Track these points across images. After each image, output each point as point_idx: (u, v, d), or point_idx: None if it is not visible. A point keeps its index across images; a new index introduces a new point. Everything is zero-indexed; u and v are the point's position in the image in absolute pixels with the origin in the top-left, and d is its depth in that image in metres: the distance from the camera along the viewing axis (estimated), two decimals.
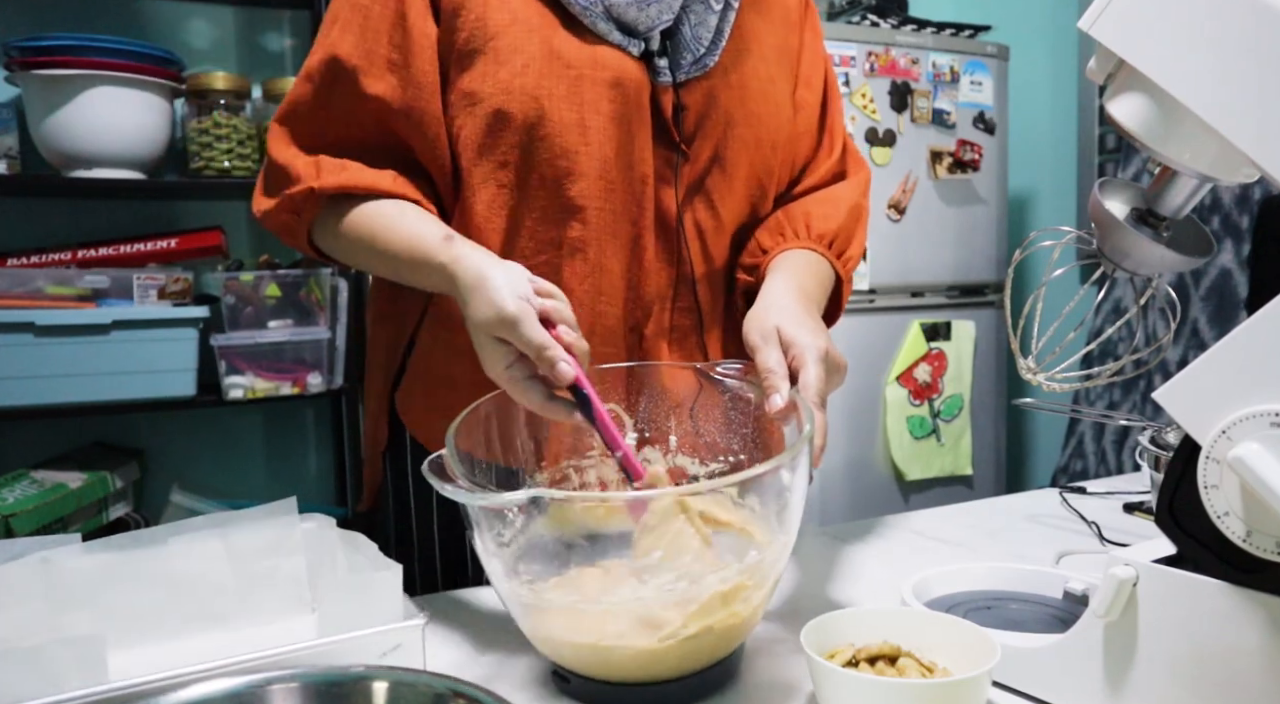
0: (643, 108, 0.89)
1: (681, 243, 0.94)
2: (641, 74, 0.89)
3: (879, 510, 2.63)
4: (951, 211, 2.81)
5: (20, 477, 1.95)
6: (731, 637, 0.69)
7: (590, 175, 0.88)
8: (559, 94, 0.86)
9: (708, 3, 0.91)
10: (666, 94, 0.91)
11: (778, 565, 0.70)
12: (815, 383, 0.75)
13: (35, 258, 2.04)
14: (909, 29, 2.75)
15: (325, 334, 2.16)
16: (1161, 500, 0.63)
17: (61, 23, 2.14)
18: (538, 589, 0.70)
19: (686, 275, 0.95)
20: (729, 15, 0.93)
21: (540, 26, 0.86)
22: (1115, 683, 0.64)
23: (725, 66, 0.93)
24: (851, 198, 1.03)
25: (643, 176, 0.90)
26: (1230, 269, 2.37)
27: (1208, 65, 0.61)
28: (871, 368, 2.69)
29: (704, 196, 0.94)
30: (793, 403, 0.74)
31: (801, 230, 0.97)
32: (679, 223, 0.93)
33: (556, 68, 0.86)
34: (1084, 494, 1.28)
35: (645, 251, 0.92)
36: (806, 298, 0.88)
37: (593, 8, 0.86)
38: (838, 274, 0.99)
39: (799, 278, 0.91)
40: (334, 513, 0.99)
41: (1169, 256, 0.74)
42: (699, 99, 0.92)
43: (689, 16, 0.90)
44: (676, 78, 0.90)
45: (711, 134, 0.93)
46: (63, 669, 0.60)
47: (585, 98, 0.86)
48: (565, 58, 0.86)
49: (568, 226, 0.89)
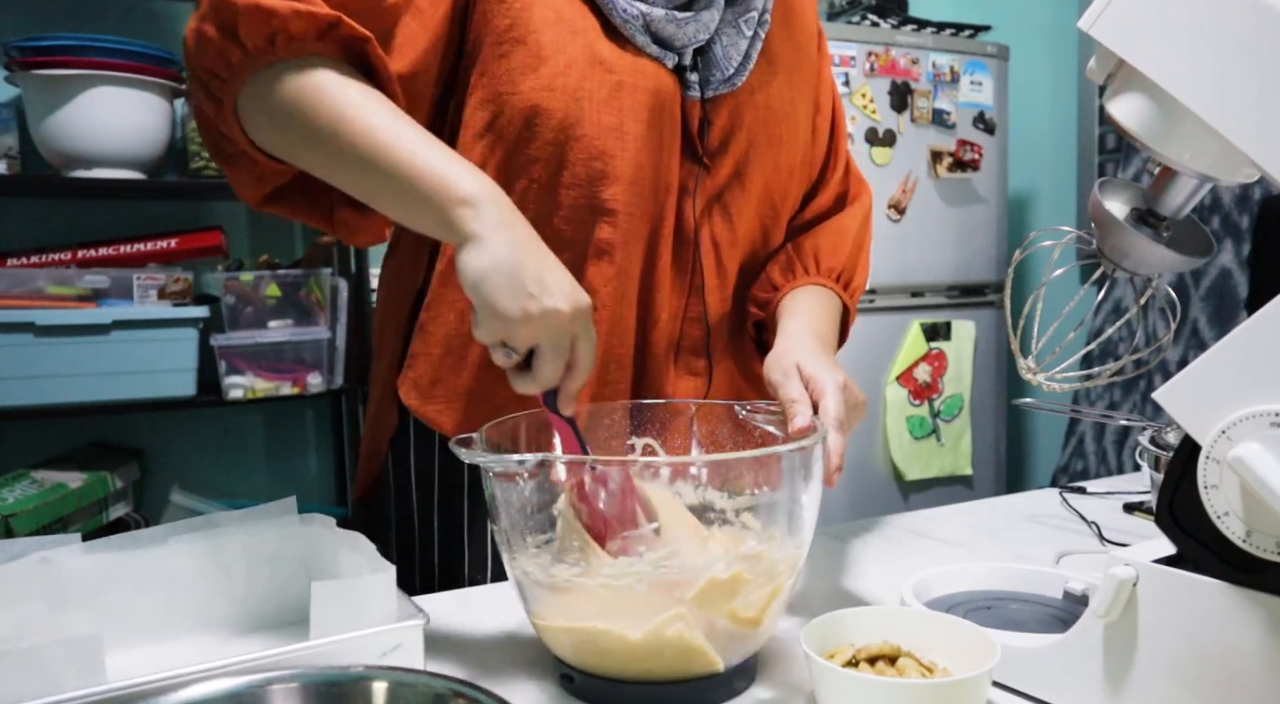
0: (675, 119, 0.92)
1: (696, 253, 0.96)
2: (675, 86, 0.91)
3: (879, 510, 2.62)
4: (951, 211, 2.81)
5: (20, 477, 1.95)
6: (734, 641, 0.68)
7: (624, 180, 0.89)
8: (600, 97, 0.87)
9: (739, 26, 0.94)
10: (694, 108, 0.93)
11: (784, 567, 0.69)
12: (834, 409, 0.78)
13: (35, 258, 2.04)
14: (909, 29, 2.75)
15: (325, 334, 2.16)
16: (1161, 500, 0.63)
17: (61, 23, 2.14)
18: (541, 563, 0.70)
19: (698, 286, 0.98)
20: (757, 41, 0.96)
21: (584, 29, 0.87)
22: (1115, 683, 0.64)
23: (752, 86, 0.96)
24: (855, 228, 1.07)
25: (667, 185, 0.93)
26: (1230, 269, 2.37)
27: (1208, 65, 0.61)
28: (871, 368, 2.69)
29: (722, 210, 0.97)
30: (814, 425, 0.76)
31: (811, 266, 1.01)
32: (696, 233, 0.96)
33: (599, 72, 0.87)
34: (1084, 494, 1.28)
35: (660, 259, 0.94)
36: (821, 340, 0.91)
37: (634, 21, 0.88)
38: (845, 305, 1.04)
39: (813, 321, 0.94)
40: (334, 513, 0.99)
41: (1169, 256, 0.74)
42: (725, 116, 0.94)
43: (721, 37, 0.93)
44: (705, 93, 0.93)
45: (734, 150, 0.95)
46: (60, 669, 0.60)
47: (625, 103, 0.88)
48: (608, 63, 0.87)
49: (597, 228, 0.90)
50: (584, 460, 0.73)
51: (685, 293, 0.97)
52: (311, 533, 0.82)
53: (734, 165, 0.96)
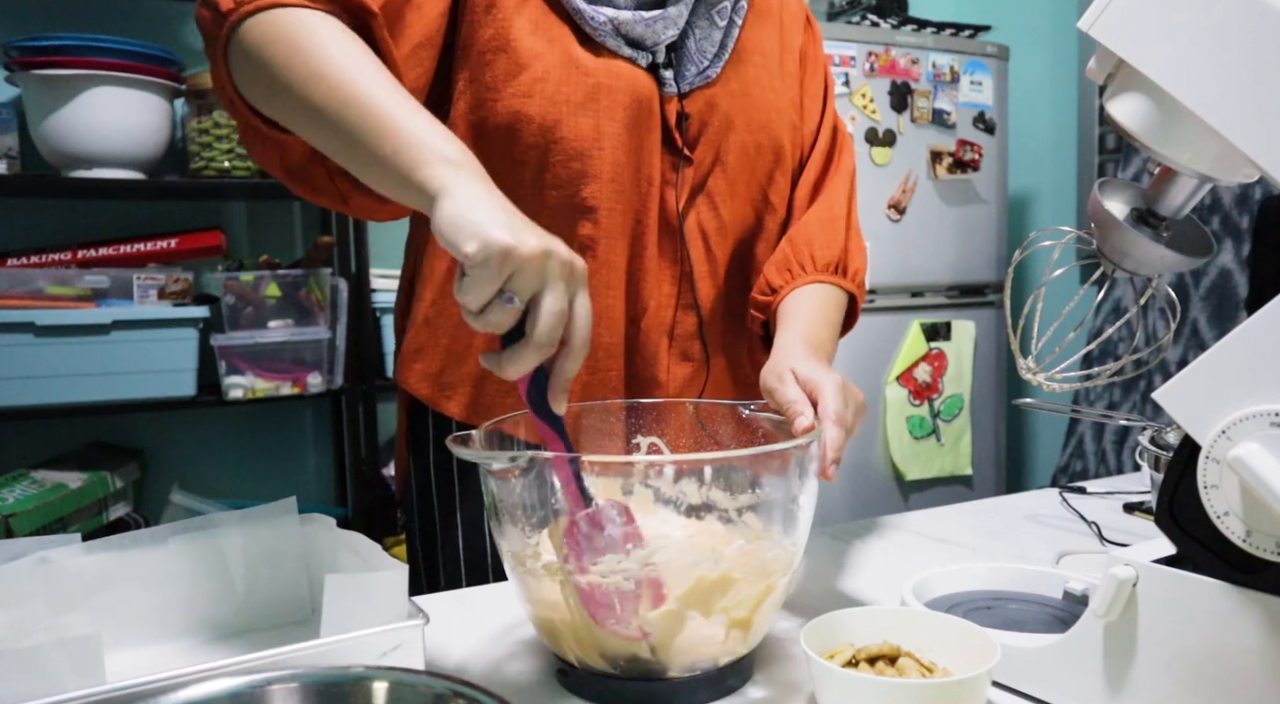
0: (653, 115, 0.94)
1: (683, 242, 0.98)
2: (651, 84, 0.94)
3: (879, 510, 2.63)
4: (951, 211, 2.81)
5: (20, 477, 1.95)
6: (726, 640, 0.68)
7: (603, 178, 0.92)
8: (576, 101, 0.90)
9: (712, 19, 0.96)
10: (671, 103, 0.95)
11: (777, 566, 0.69)
12: (833, 404, 0.77)
13: (35, 258, 2.04)
14: (909, 29, 2.75)
15: (325, 334, 2.16)
16: (1161, 500, 0.63)
17: (61, 23, 2.14)
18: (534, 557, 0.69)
19: (688, 274, 0.99)
20: (733, 30, 0.98)
21: (559, 37, 0.90)
22: (1115, 683, 0.64)
23: (727, 76, 0.98)
24: (844, 207, 1.06)
25: (649, 179, 0.95)
26: (1230, 269, 2.37)
27: (1208, 65, 0.61)
28: (871, 368, 2.69)
29: (706, 198, 0.99)
30: (815, 425, 0.75)
31: (808, 264, 1.01)
32: (681, 223, 0.97)
33: (575, 76, 0.90)
34: (1084, 494, 1.28)
35: (646, 249, 0.96)
36: (814, 348, 0.90)
37: (603, 26, 0.91)
38: (850, 293, 1.03)
39: (807, 328, 0.93)
40: (334, 513, 0.99)
41: (1169, 256, 0.74)
42: (701, 107, 0.96)
43: (694, 31, 0.95)
44: (681, 88, 0.95)
45: (713, 139, 0.97)
46: (60, 670, 0.60)
47: (601, 105, 0.91)
48: (583, 67, 0.90)
49: (579, 225, 0.93)
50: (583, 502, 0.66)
51: (675, 281, 0.99)
52: (311, 533, 0.82)
53: (714, 153, 0.97)
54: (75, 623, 0.72)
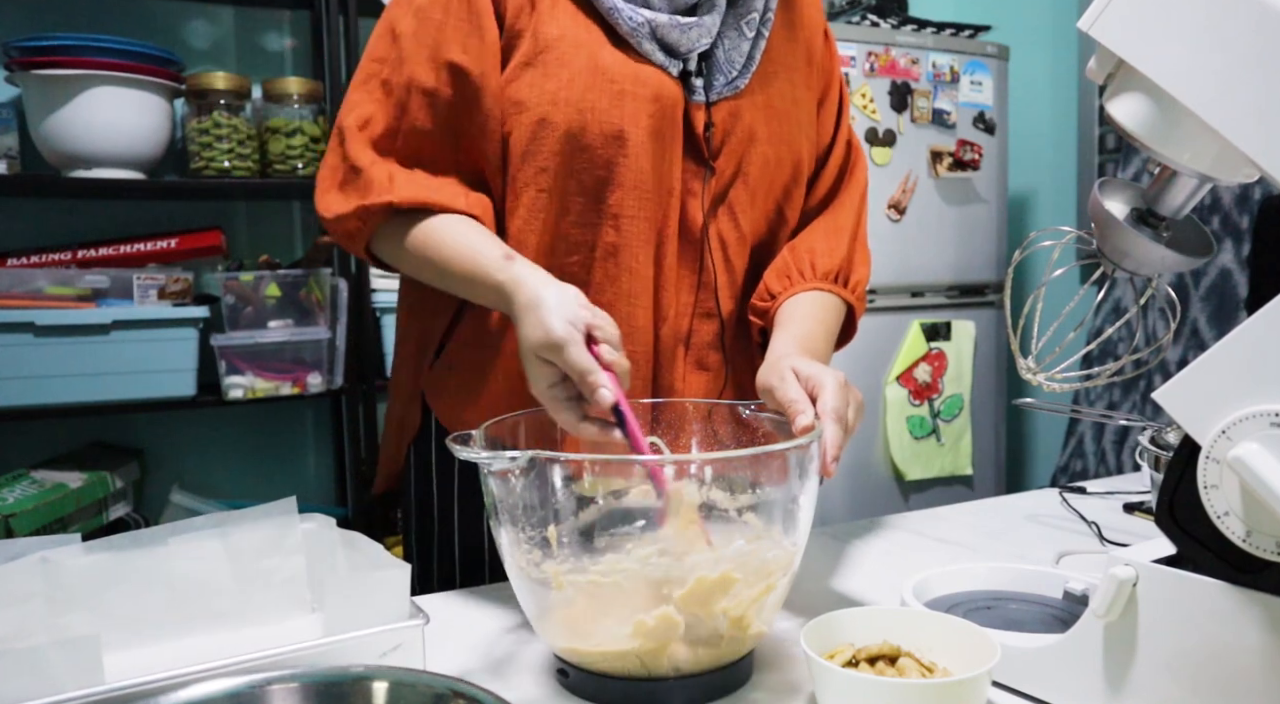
0: (677, 123, 0.94)
1: (705, 251, 0.98)
2: (678, 92, 0.94)
3: (879, 510, 2.63)
4: (951, 211, 2.81)
5: (20, 477, 1.95)
6: (726, 640, 0.68)
7: (626, 185, 0.92)
8: (601, 107, 0.90)
9: (741, 29, 0.96)
10: (698, 112, 0.95)
11: (776, 566, 0.69)
12: (833, 400, 0.77)
13: (35, 258, 2.04)
14: (909, 29, 2.75)
15: (325, 334, 2.16)
16: (1161, 500, 0.63)
17: (61, 23, 2.14)
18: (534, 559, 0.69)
19: (709, 283, 0.99)
20: (760, 42, 0.98)
21: (588, 42, 0.91)
22: (1115, 683, 0.64)
23: (753, 88, 0.98)
24: (851, 220, 1.06)
25: (670, 188, 0.95)
26: (1230, 269, 2.37)
27: (1208, 65, 0.61)
28: (871, 368, 2.69)
29: (727, 209, 0.99)
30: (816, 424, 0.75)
31: (808, 271, 1.01)
32: (704, 233, 0.97)
33: (600, 82, 0.90)
34: (1084, 494, 1.28)
35: (666, 257, 0.96)
36: (808, 351, 0.91)
37: (639, 29, 0.91)
38: (849, 303, 1.03)
39: (802, 334, 0.94)
40: (334, 513, 0.99)
41: (1169, 256, 0.74)
42: (726, 117, 0.96)
43: (724, 41, 0.96)
44: (709, 97, 0.96)
45: (736, 150, 0.97)
46: (58, 670, 0.60)
47: (626, 111, 0.91)
48: (609, 73, 0.90)
49: (602, 231, 0.93)
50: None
51: (694, 289, 0.99)
52: (311, 533, 0.82)
53: (737, 164, 0.97)
54: (75, 623, 0.72)
